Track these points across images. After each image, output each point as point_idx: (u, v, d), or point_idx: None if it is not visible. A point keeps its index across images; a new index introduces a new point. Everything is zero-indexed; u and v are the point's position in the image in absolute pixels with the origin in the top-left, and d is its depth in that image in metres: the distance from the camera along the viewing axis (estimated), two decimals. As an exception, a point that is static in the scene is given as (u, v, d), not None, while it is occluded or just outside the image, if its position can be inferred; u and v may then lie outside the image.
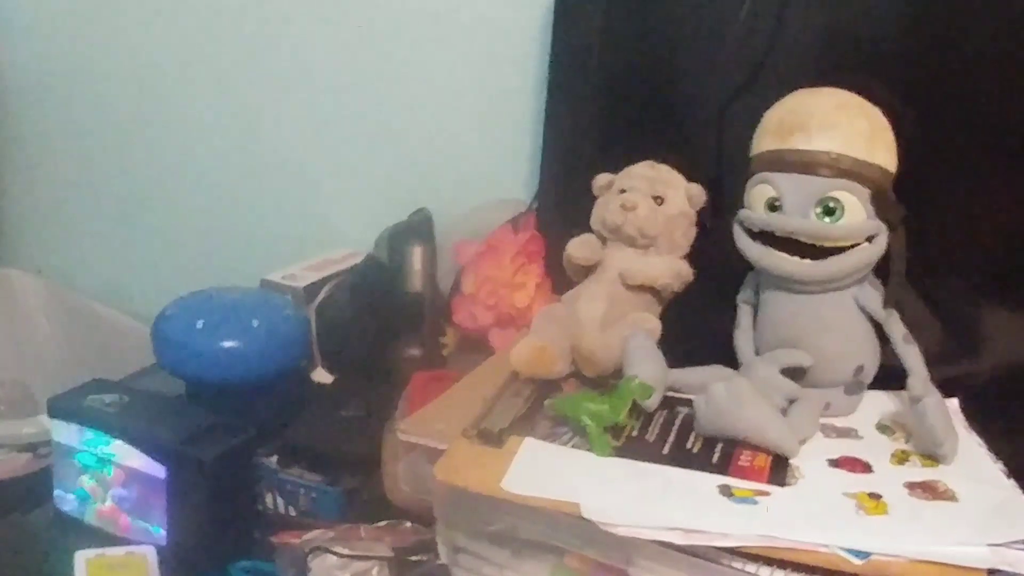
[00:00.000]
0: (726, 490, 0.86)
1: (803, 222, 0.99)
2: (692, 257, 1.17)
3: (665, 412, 1.01)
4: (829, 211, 0.98)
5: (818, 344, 1.02)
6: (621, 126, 1.28)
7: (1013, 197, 1.11)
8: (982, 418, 1.02)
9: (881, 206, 0.98)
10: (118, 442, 1.07)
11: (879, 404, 1.05)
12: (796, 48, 1.16)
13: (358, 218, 1.62)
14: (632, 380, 0.97)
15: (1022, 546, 0.77)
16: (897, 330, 1.01)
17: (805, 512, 0.83)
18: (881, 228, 0.99)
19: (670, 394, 1.04)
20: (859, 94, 1.01)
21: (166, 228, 1.86)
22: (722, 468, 0.90)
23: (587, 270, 1.18)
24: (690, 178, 1.17)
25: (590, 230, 1.20)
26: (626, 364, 1.02)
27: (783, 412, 0.97)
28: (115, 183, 1.89)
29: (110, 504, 1.09)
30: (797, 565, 0.77)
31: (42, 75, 1.89)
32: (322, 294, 1.44)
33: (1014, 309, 1.14)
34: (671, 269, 1.15)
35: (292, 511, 1.12)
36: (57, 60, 1.87)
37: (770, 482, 0.88)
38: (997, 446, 0.97)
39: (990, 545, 0.78)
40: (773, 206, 1.01)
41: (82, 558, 0.99)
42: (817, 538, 0.78)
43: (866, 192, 0.98)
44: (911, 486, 0.88)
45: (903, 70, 1.10)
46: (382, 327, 1.37)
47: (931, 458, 0.94)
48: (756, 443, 0.92)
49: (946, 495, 0.87)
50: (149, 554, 1.01)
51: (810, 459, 0.93)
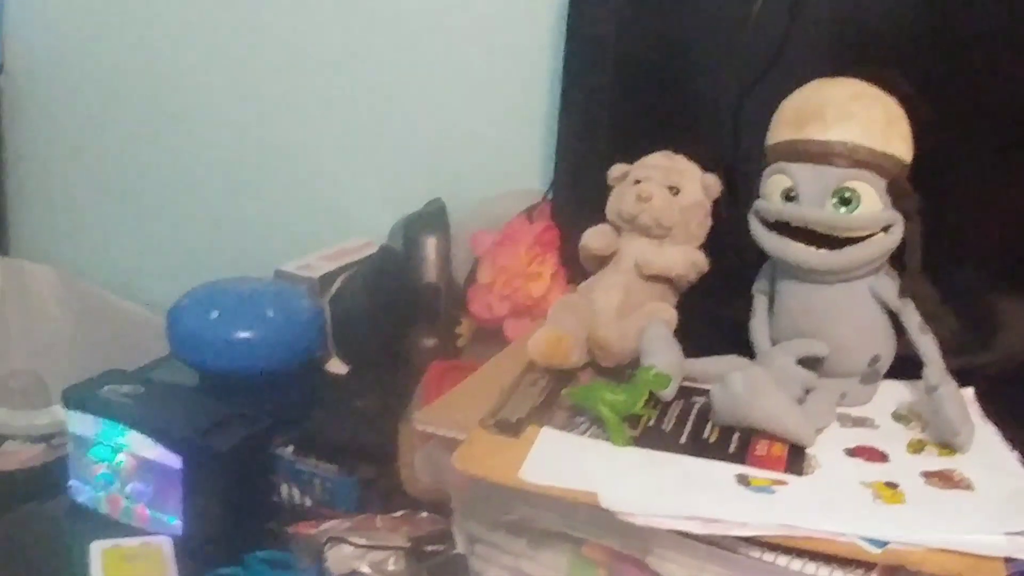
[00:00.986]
0: (743, 479, 0.86)
1: (819, 212, 0.99)
2: (708, 247, 1.17)
3: (681, 402, 1.01)
4: (845, 201, 0.98)
5: (834, 334, 1.02)
6: (636, 116, 1.28)
7: (1028, 186, 1.11)
8: (998, 407, 1.02)
9: (897, 196, 0.98)
10: (133, 432, 1.07)
11: (895, 393, 1.05)
12: (811, 38, 1.16)
13: (373, 208, 1.62)
14: (649, 370, 0.97)
15: (1039, 535, 0.77)
16: (913, 320, 1.01)
17: (822, 501, 0.83)
18: (897, 218, 0.99)
19: (686, 384, 1.04)
20: (874, 84, 1.01)
21: (180, 218, 1.86)
22: (739, 457, 0.90)
23: (603, 260, 1.19)
24: (705, 168, 1.17)
25: (605, 220, 1.20)
26: (643, 354, 1.02)
27: (799, 402, 0.97)
28: (128, 174, 1.89)
29: (126, 494, 1.10)
30: (815, 554, 0.77)
31: (54, 66, 1.89)
32: (337, 284, 1.44)
33: (1030, 298, 1.14)
34: (687, 259, 1.15)
35: (308, 501, 1.12)
36: (69, 51, 1.87)
37: (787, 471, 0.88)
38: (1013, 435, 0.97)
39: (1007, 533, 0.78)
40: (789, 196, 1.01)
41: (98, 548, 0.99)
42: (834, 527, 0.78)
43: (882, 182, 0.98)
44: (927, 475, 0.88)
45: (918, 60, 1.10)
46: (397, 317, 1.37)
47: (947, 447, 0.94)
48: (773, 432, 0.92)
49: (962, 484, 0.87)
50: (165, 544, 1.01)
51: (827, 448, 0.93)
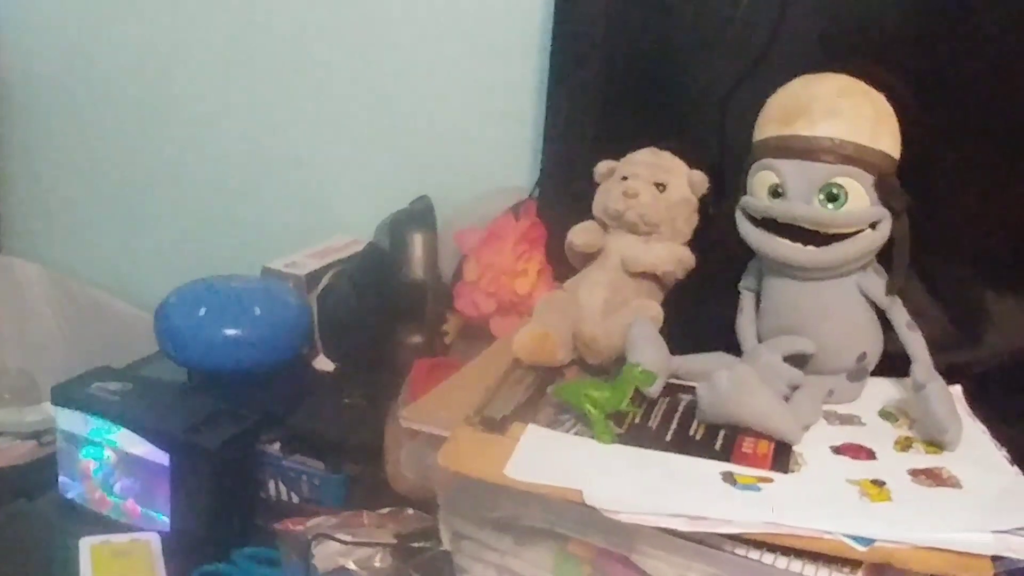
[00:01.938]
0: (729, 477, 0.86)
1: (806, 208, 0.98)
2: (694, 244, 1.17)
3: (667, 399, 1.01)
4: (832, 197, 0.98)
5: (821, 331, 1.02)
6: (623, 113, 1.28)
7: (1017, 184, 1.11)
8: (985, 405, 1.02)
9: (885, 192, 0.98)
10: (122, 430, 1.07)
11: (882, 391, 1.06)
12: (799, 34, 1.15)
13: (359, 206, 1.62)
14: (635, 367, 0.97)
15: (1026, 532, 0.78)
16: (900, 317, 1.01)
17: (808, 499, 0.83)
18: (884, 214, 0.99)
19: (672, 381, 1.04)
20: (862, 80, 1.01)
21: (168, 217, 1.86)
22: (725, 455, 0.90)
23: (589, 257, 1.18)
24: (692, 165, 1.17)
25: (591, 217, 1.20)
26: (628, 351, 1.02)
27: (786, 399, 0.97)
28: (117, 172, 1.88)
29: (114, 491, 1.09)
30: (800, 552, 0.77)
31: (45, 65, 1.89)
32: (323, 282, 1.44)
33: (1018, 296, 1.14)
34: (673, 256, 1.15)
35: (295, 498, 1.12)
36: (60, 50, 1.87)
37: (773, 469, 0.88)
38: (1000, 433, 0.97)
39: (994, 532, 0.77)
40: (776, 192, 1.01)
41: (87, 544, 1.00)
42: (821, 525, 0.78)
43: (869, 178, 0.98)
44: (915, 473, 0.88)
45: (906, 55, 1.10)
46: (383, 315, 1.37)
47: (935, 445, 0.94)
48: (759, 430, 0.92)
49: (950, 482, 0.87)
50: (153, 540, 1.02)
51: (813, 446, 0.93)
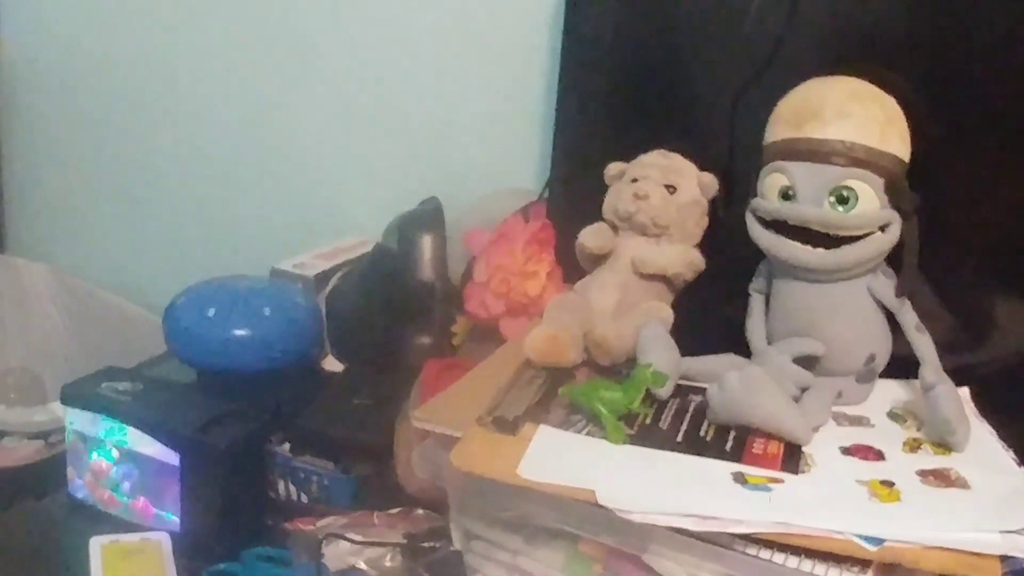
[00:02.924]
0: (740, 477, 0.86)
1: (816, 211, 0.99)
2: (704, 246, 1.17)
3: (678, 400, 1.01)
4: (843, 200, 0.98)
5: (830, 333, 1.02)
6: (633, 115, 1.28)
7: (1026, 186, 1.12)
8: (993, 407, 1.02)
9: (895, 195, 0.98)
10: (132, 429, 1.07)
11: (891, 392, 1.06)
12: (809, 37, 1.15)
13: (368, 207, 1.62)
14: (646, 368, 0.97)
15: (1035, 533, 0.78)
16: (909, 319, 1.01)
17: (818, 499, 0.83)
18: (894, 217, 0.99)
19: (683, 382, 1.04)
20: (872, 83, 1.01)
21: (176, 217, 1.86)
22: (735, 456, 0.90)
23: (599, 259, 1.19)
24: (702, 167, 1.17)
25: (601, 219, 1.20)
26: (639, 352, 1.02)
27: (795, 400, 0.97)
28: (125, 172, 1.89)
29: (124, 491, 1.10)
30: (811, 551, 0.77)
31: (50, 64, 1.90)
32: (332, 283, 1.45)
33: (1026, 298, 1.14)
34: (683, 258, 1.15)
35: (304, 498, 1.13)
36: (65, 49, 1.87)
37: (783, 469, 0.88)
38: (1008, 435, 0.97)
39: (1002, 532, 0.78)
40: (786, 195, 1.01)
41: (97, 544, 1.00)
42: (831, 525, 0.78)
43: (880, 181, 0.98)
44: (923, 474, 0.88)
45: (916, 59, 1.10)
46: (392, 316, 1.37)
47: (943, 446, 0.94)
48: (769, 431, 0.93)
49: (958, 483, 0.87)
50: (163, 540, 1.02)
51: (823, 447, 0.93)
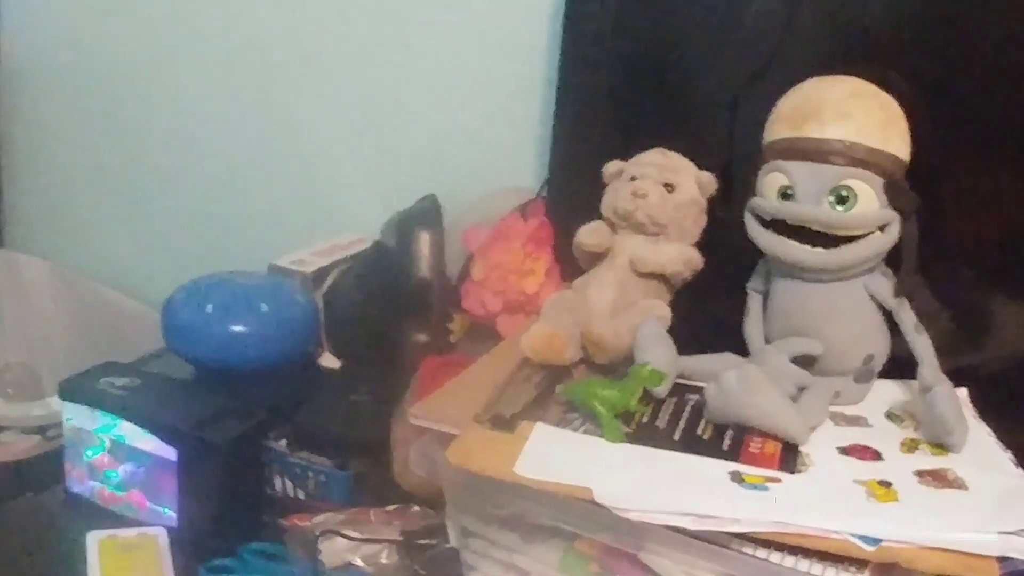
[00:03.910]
0: (737, 476, 0.86)
1: (815, 210, 0.99)
2: (702, 245, 1.18)
3: (675, 399, 1.01)
4: (842, 199, 0.98)
5: (828, 332, 1.03)
6: (632, 113, 1.28)
7: (1025, 187, 1.12)
8: (991, 408, 1.02)
9: (894, 195, 0.98)
10: (129, 424, 1.07)
11: (888, 393, 1.06)
12: (809, 36, 1.16)
13: (366, 204, 1.62)
14: (643, 367, 0.98)
15: (1032, 534, 0.78)
16: (908, 319, 1.01)
17: (816, 499, 0.83)
18: (893, 217, 0.99)
19: (680, 381, 1.04)
20: (873, 82, 1.01)
21: (174, 213, 1.86)
22: (733, 455, 0.90)
23: (597, 257, 1.19)
24: (701, 166, 1.18)
25: (599, 217, 1.20)
26: (637, 351, 1.02)
27: (793, 400, 0.98)
28: (123, 168, 1.89)
29: (121, 485, 1.10)
30: (808, 551, 0.77)
31: (49, 60, 1.89)
32: (330, 279, 1.44)
33: (1024, 299, 1.14)
34: (681, 256, 1.15)
35: (301, 494, 1.13)
36: (64, 45, 1.87)
37: (780, 469, 0.88)
38: (1006, 435, 0.97)
39: (1000, 533, 0.78)
40: (785, 194, 1.01)
41: (94, 538, 1.00)
42: (828, 524, 0.78)
43: (879, 181, 0.98)
44: (921, 474, 0.88)
45: (916, 58, 1.10)
46: (389, 313, 1.37)
47: (940, 447, 0.94)
48: (766, 430, 0.93)
49: (956, 483, 0.87)
50: (160, 535, 1.02)
51: (820, 447, 0.93)
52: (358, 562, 0.97)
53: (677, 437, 0.94)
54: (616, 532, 0.84)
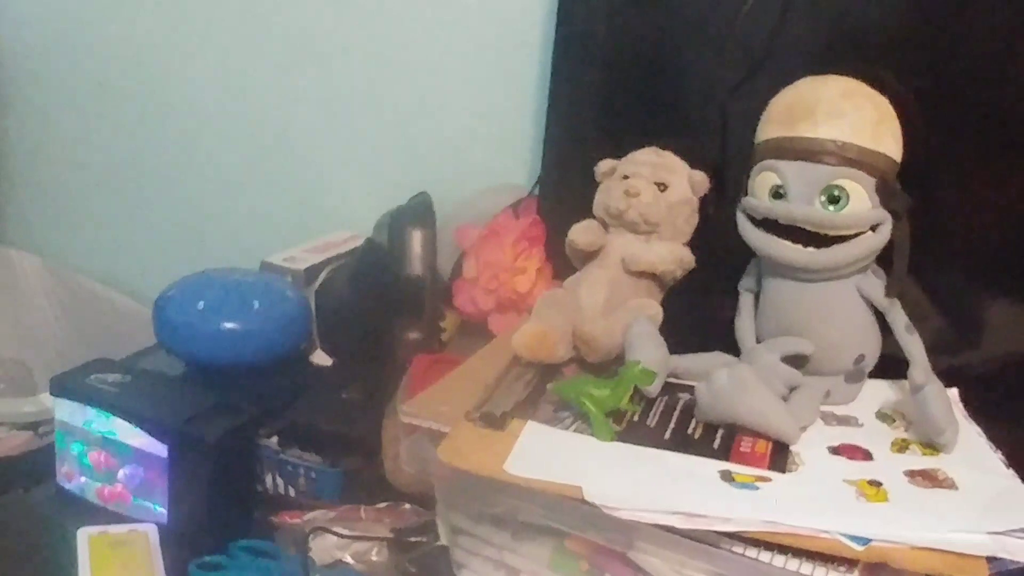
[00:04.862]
0: (727, 476, 0.86)
1: (807, 210, 0.99)
2: (694, 244, 1.18)
3: (666, 398, 1.01)
4: (834, 199, 0.98)
5: (820, 332, 1.03)
6: (624, 112, 1.28)
7: (1017, 188, 1.11)
8: (982, 408, 1.03)
9: (886, 195, 0.98)
10: (120, 421, 1.07)
11: (879, 393, 1.06)
12: (802, 36, 1.16)
13: (358, 201, 1.62)
14: (634, 366, 0.97)
15: (1021, 534, 0.78)
16: (899, 319, 1.01)
17: (806, 498, 0.83)
18: (885, 217, 0.99)
19: (671, 380, 1.04)
20: (865, 82, 1.01)
21: (167, 209, 1.86)
22: (723, 454, 0.90)
23: (589, 255, 1.19)
24: (693, 165, 1.18)
25: (591, 216, 1.20)
26: (628, 350, 1.02)
27: (784, 399, 0.98)
28: (116, 165, 1.88)
29: (112, 482, 1.09)
30: (798, 550, 0.78)
31: (44, 57, 1.89)
32: (322, 277, 1.44)
33: (1015, 300, 1.14)
34: (673, 255, 1.15)
35: (292, 492, 1.12)
36: (59, 42, 1.87)
37: (771, 468, 0.88)
38: (996, 435, 0.98)
39: (989, 532, 0.78)
40: (777, 194, 1.01)
41: (85, 534, 0.99)
42: (818, 524, 0.78)
43: (871, 181, 0.98)
44: (911, 474, 0.89)
45: (909, 59, 1.10)
46: (381, 310, 1.37)
47: (931, 447, 0.94)
48: (757, 430, 0.93)
49: (946, 483, 0.88)
50: (151, 532, 1.02)
51: (810, 446, 0.93)
52: (348, 559, 0.98)
53: (668, 436, 0.94)
54: (606, 531, 0.84)
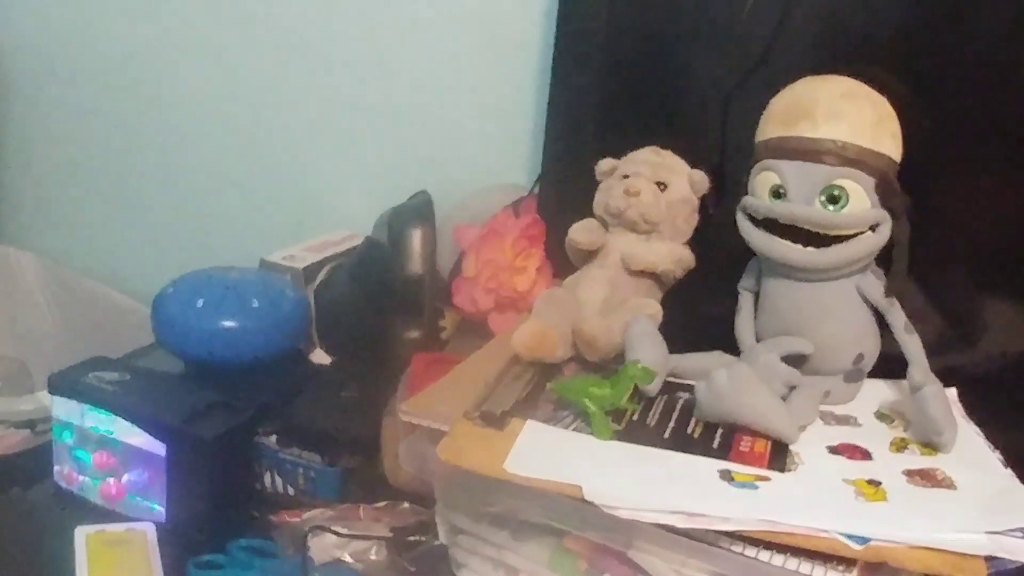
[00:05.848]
0: (727, 475, 0.86)
1: (807, 210, 0.99)
2: (694, 243, 1.18)
3: (666, 397, 1.01)
4: (833, 199, 0.98)
5: (819, 332, 1.03)
6: (624, 111, 1.28)
7: (1016, 188, 1.11)
8: (980, 408, 1.02)
9: (885, 195, 0.98)
10: (118, 419, 1.07)
11: (878, 392, 1.06)
12: (802, 35, 1.16)
13: (358, 200, 1.62)
14: (634, 365, 0.97)
15: (1020, 534, 0.78)
16: (898, 319, 1.01)
17: (805, 498, 0.83)
18: (885, 217, 0.99)
19: (671, 379, 1.04)
20: (865, 82, 1.01)
21: (166, 208, 1.86)
22: (722, 453, 0.90)
23: (589, 255, 1.19)
24: (693, 164, 1.18)
25: (591, 215, 1.20)
26: (628, 349, 1.02)
27: (783, 399, 0.98)
28: (115, 163, 1.88)
29: (110, 481, 1.09)
30: (797, 550, 0.78)
31: (41, 55, 1.89)
32: (321, 275, 1.44)
33: (1014, 300, 1.14)
34: (673, 255, 1.15)
35: (290, 490, 1.12)
36: (56, 40, 1.87)
37: (770, 468, 0.88)
38: (995, 435, 0.97)
39: (988, 532, 0.78)
40: (777, 193, 1.01)
41: (82, 533, 0.99)
42: (817, 523, 0.78)
43: (871, 181, 0.97)
44: (910, 474, 0.89)
45: (909, 58, 1.10)
46: (381, 309, 1.37)
47: (930, 446, 0.94)
48: (756, 429, 0.93)
49: (945, 483, 0.87)
50: (149, 531, 1.01)
51: (810, 446, 0.93)
52: (347, 558, 0.98)
53: (667, 435, 0.94)
54: (606, 530, 0.84)
